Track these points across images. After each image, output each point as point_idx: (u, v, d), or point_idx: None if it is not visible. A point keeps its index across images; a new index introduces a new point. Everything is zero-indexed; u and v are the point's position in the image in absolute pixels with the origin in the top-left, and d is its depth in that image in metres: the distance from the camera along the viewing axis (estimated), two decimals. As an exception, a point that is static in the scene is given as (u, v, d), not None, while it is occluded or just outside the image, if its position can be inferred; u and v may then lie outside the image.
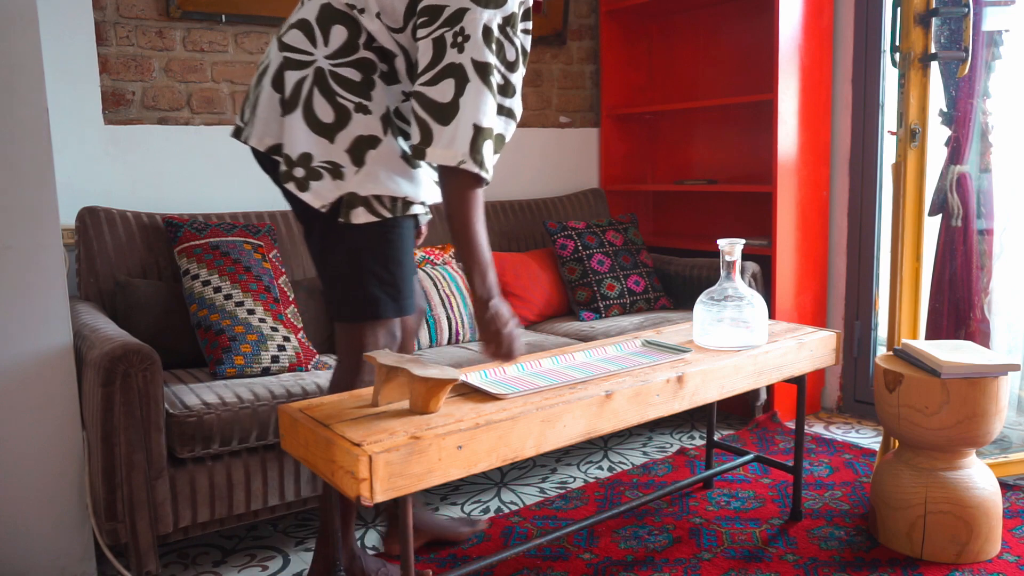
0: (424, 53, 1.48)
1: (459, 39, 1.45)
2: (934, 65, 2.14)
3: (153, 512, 1.77)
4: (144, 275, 2.32)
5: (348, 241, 1.57)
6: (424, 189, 1.63)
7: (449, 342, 2.53)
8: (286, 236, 2.56)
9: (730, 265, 1.89)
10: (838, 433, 2.85)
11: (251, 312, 2.16)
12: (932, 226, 2.37)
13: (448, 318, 2.51)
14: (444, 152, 1.47)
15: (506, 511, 2.25)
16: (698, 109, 3.36)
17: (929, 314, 2.42)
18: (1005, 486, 2.24)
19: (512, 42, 1.53)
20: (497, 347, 1.58)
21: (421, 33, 1.49)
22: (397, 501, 1.54)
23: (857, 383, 3.05)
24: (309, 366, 2.17)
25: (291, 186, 1.52)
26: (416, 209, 1.63)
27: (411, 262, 1.66)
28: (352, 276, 1.59)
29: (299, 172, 1.52)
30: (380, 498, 1.26)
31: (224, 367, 2.06)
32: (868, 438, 2.79)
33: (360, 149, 1.52)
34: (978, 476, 1.92)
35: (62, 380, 1.85)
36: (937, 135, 2.30)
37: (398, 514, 1.57)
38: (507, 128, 1.60)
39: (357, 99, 1.53)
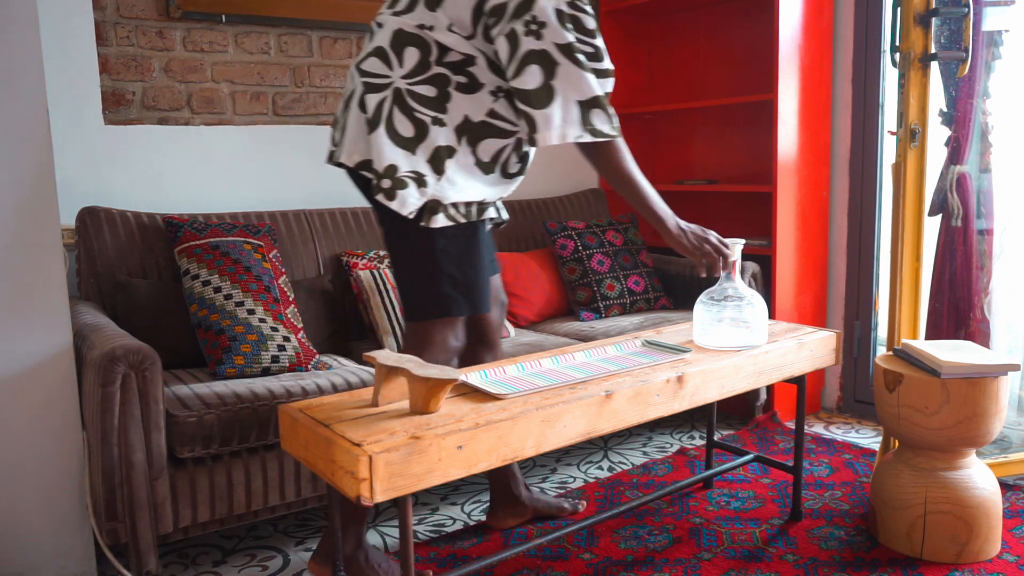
0: (502, 51, 1.60)
1: (532, 27, 1.57)
2: (934, 65, 2.14)
3: (153, 512, 1.77)
4: (144, 275, 2.32)
5: (428, 244, 1.67)
6: (498, 189, 1.75)
7: (449, 342, 2.53)
8: (286, 236, 2.56)
9: (730, 265, 1.89)
10: (838, 433, 2.85)
11: (251, 312, 2.16)
12: (932, 226, 2.37)
13: (448, 318, 2.51)
14: (552, 133, 1.59)
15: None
16: (698, 109, 3.36)
17: (929, 314, 2.42)
18: (1005, 486, 2.24)
19: (585, 11, 1.63)
20: (703, 253, 1.80)
21: (494, 33, 1.61)
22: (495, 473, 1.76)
23: (857, 383, 3.05)
24: (309, 366, 2.17)
25: (380, 197, 1.62)
26: (490, 213, 1.78)
27: (486, 263, 1.78)
28: (429, 276, 1.70)
29: (386, 183, 1.62)
30: (380, 498, 1.26)
31: (224, 367, 2.06)
32: (868, 438, 2.79)
33: (439, 159, 1.64)
34: (978, 476, 1.92)
35: (62, 380, 1.85)
36: (937, 135, 2.30)
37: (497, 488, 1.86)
38: (608, 87, 1.68)
39: (433, 113, 1.64)
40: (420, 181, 1.62)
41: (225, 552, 2.06)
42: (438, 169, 1.64)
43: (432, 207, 1.64)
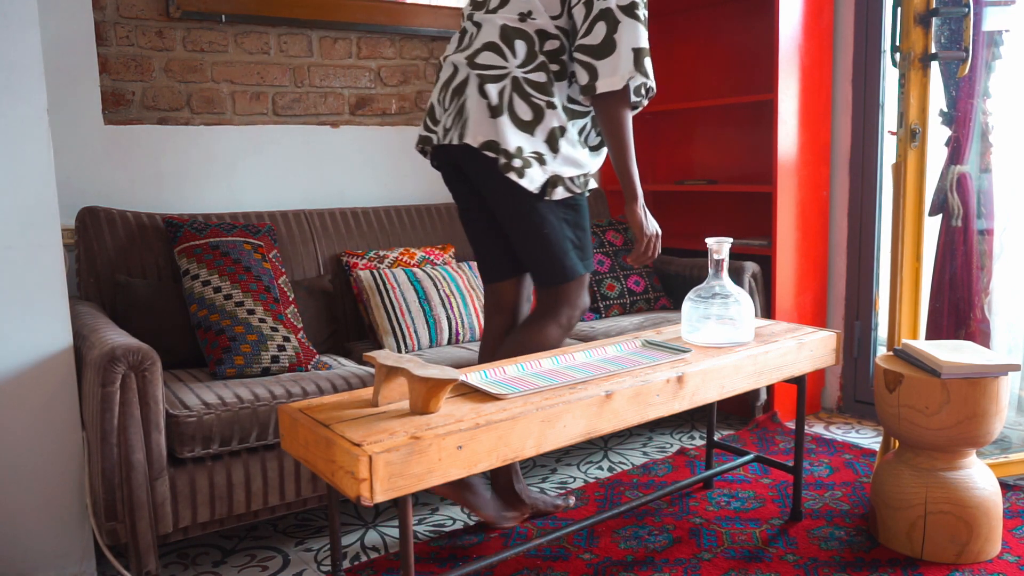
0: (578, 15, 1.84)
1: None
2: (934, 65, 2.14)
3: (153, 512, 1.77)
4: (144, 275, 2.32)
5: (552, 216, 1.91)
6: (596, 161, 2.01)
7: (449, 342, 2.53)
8: (286, 236, 2.56)
9: (718, 263, 1.91)
10: (838, 433, 2.85)
11: (251, 312, 2.16)
12: (932, 226, 2.37)
13: (448, 318, 2.51)
14: (611, 79, 1.81)
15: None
16: (698, 109, 3.36)
17: (929, 314, 2.42)
18: (1005, 486, 2.24)
19: None
20: (649, 242, 1.94)
21: (574, 2, 1.84)
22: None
23: (857, 383, 3.05)
24: (309, 366, 2.17)
25: (512, 175, 1.82)
26: (592, 184, 2.02)
27: (590, 229, 2.06)
28: (557, 245, 1.93)
29: (517, 163, 1.83)
30: (380, 498, 1.26)
31: (224, 367, 2.06)
32: (868, 438, 2.78)
33: (554, 139, 1.86)
34: (978, 476, 1.92)
35: (62, 380, 1.85)
36: (937, 135, 2.30)
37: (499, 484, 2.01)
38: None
39: (546, 97, 1.86)
40: (541, 160, 1.85)
41: (225, 552, 2.06)
42: (554, 148, 1.86)
43: (553, 182, 1.87)
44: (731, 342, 1.89)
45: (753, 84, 3.14)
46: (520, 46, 1.85)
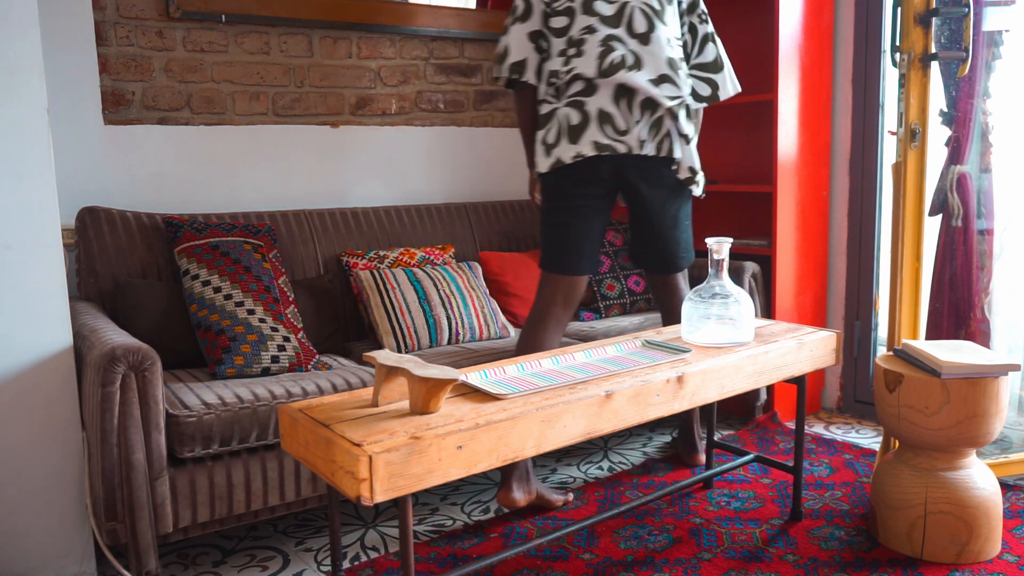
0: (687, 40, 2.25)
1: (703, 17, 2.25)
2: (934, 65, 2.14)
3: (153, 512, 1.77)
4: (144, 275, 2.32)
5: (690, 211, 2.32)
6: None
7: (449, 342, 2.53)
8: (286, 236, 2.56)
9: (718, 263, 1.91)
10: (838, 433, 2.85)
11: (251, 312, 2.16)
12: (932, 226, 2.37)
13: (448, 318, 2.51)
14: (729, 88, 2.28)
15: (506, 511, 2.24)
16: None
17: (929, 314, 2.42)
18: (1005, 486, 2.24)
19: None
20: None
21: (685, 28, 2.25)
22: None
23: (857, 383, 3.05)
24: (309, 366, 2.17)
25: (694, 188, 2.21)
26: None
27: None
28: (690, 233, 2.34)
29: (699, 179, 2.21)
30: (380, 498, 1.26)
31: (224, 367, 2.06)
32: (868, 438, 2.78)
33: (696, 147, 2.23)
34: (978, 476, 1.92)
35: (62, 380, 1.85)
36: (937, 135, 2.30)
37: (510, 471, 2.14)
38: None
39: (693, 123, 2.22)
40: (696, 171, 2.21)
41: (225, 552, 2.06)
42: (697, 154, 2.23)
43: (701, 184, 2.24)
44: (731, 342, 1.89)
45: (753, 84, 3.14)
46: (681, 76, 2.15)
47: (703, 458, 2.51)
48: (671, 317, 2.38)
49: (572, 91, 2.12)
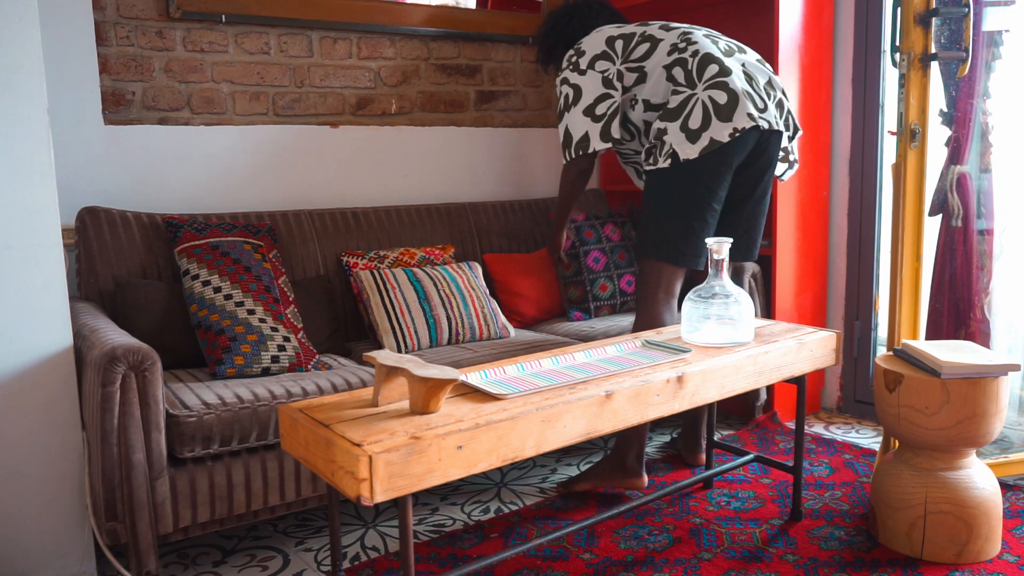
0: None
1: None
2: (934, 65, 2.14)
3: (153, 512, 1.77)
4: (144, 275, 2.32)
5: None
6: None
7: (449, 342, 2.53)
8: (286, 236, 2.56)
9: (718, 263, 1.91)
10: (838, 433, 2.85)
11: (251, 312, 2.16)
12: (932, 226, 2.37)
13: (448, 318, 2.51)
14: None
15: (506, 511, 2.25)
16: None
17: (929, 314, 2.42)
18: (1005, 486, 2.24)
19: None
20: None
21: None
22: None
23: (857, 383, 3.05)
24: (309, 366, 2.17)
25: (788, 168, 2.42)
26: None
27: None
28: None
29: (793, 156, 2.41)
30: (380, 498, 1.26)
31: (224, 367, 2.06)
32: (868, 438, 2.79)
33: None
34: (978, 476, 1.92)
35: (62, 380, 1.85)
36: (937, 135, 2.30)
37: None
38: None
39: None
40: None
41: (225, 552, 2.06)
42: None
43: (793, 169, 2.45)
44: (731, 342, 1.89)
45: (753, 84, 3.14)
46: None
47: (704, 458, 2.51)
48: None
49: (709, 75, 2.12)
